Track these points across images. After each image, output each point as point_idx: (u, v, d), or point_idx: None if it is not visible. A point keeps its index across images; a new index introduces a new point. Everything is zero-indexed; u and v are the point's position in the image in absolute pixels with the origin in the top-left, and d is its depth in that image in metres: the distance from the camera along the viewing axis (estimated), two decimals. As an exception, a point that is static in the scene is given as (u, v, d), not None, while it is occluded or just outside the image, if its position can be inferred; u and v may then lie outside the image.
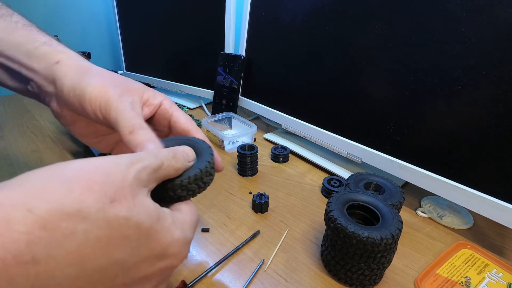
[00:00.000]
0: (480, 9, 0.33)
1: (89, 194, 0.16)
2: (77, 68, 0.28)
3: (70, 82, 0.27)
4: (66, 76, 0.28)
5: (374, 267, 0.29)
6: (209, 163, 0.25)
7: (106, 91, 0.27)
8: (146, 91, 0.31)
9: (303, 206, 0.45)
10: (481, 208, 0.36)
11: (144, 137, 0.26)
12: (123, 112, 0.26)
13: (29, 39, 0.29)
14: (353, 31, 0.46)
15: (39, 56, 0.28)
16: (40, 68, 0.28)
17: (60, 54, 0.29)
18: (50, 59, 0.28)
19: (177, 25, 0.81)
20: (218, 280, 0.32)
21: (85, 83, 0.27)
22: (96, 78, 0.28)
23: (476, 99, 0.35)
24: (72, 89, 0.27)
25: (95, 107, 0.27)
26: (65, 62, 0.28)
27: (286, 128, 0.62)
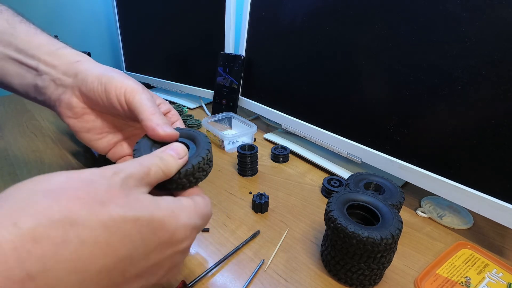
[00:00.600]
0: (480, 9, 0.33)
1: (76, 201, 0.16)
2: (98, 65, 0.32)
3: (96, 73, 0.30)
4: (89, 69, 0.30)
5: (374, 267, 0.29)
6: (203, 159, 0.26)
7: (131, 83, 0.30)
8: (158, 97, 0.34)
9: (303, 206, 0.45)
10: (481, 208, 0.36)
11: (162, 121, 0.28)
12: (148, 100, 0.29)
13: (51, 42, 0.32)
14: (353, 31, 0.46)
15: (61, 55, 0.31)
16: (60, 64, 0.31)
17: (80, 56, 0.32)
18: (71, 58, 0.31)
19: (177, 25, 0.81)
20: (218, 280, 0.32)
21: (111, 74, 0.30)
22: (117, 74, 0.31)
23: (476, 99, 0.35)
24: (97, 78, 0.30)
25: (120, 92, 0.29)
26: (85, 61, 0.32)
27: (286, 128, 0.62)
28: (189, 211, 0.22)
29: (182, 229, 0.20)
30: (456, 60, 0.36)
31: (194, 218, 0.22)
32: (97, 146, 0.34)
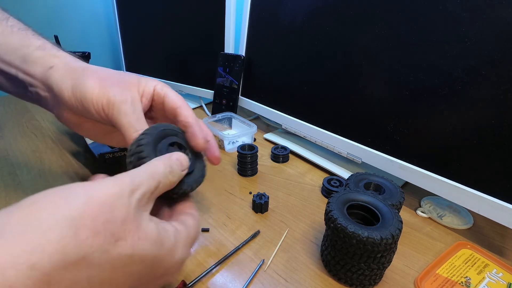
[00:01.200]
0: (480, 9, 0.33)
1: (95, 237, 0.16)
2: (72, 71, 0.28)
3: (69, 86, 0.28)
4: (62, 81, 0.28)
5: (374, 267, 0.29)
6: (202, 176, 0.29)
7: (105, 91, 0.27)
8: (141, 82, 0.31)
9: (303, 206, 0.45)
10: (481, 208, 0.36)
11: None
12: (126, 116, 0.27)
13: (24, 43, 0.29)
14: (353, 31, 0.46)
15: (34, 61, 0.29)
16: (37, 74, 0.29)
17: (54, 58, 0.29)
18: (45, 64, 0.29)
19: (177, 25, 0.81)
20: (218, 280, 0.32)
21: (83, 86, 0.27)
22: (93, 79, 0.28)
23: (476, 99, 0.35)
24: (72, 94, 0.27)
25: (98, 108, 0.27)
26: (59, 66, 0.29)
27: (286, 128, 0.62)
28: (184, 243, 0.23)
29: (175, 265, 0.22)
30: (456, 60, 0.36)
31: (187, 249, 0.23)
32: (111, 143, 0.34)
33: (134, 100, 0.28)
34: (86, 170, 0.52)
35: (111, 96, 0.27)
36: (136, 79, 0.31)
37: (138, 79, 0.31)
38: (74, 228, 0.15)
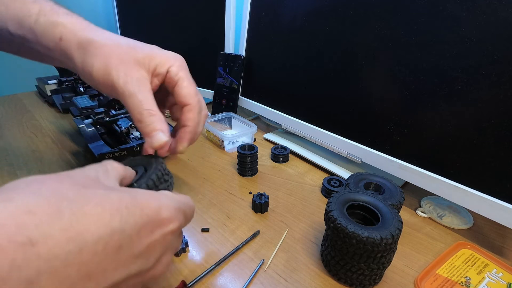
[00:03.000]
0: (480, 9, 0.33)
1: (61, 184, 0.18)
2: (79, 46, 0.28)
3: (79, 63, 0.28)
4: (73, 56, 0.28)
5: (374, 267, 0.29)
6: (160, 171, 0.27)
7: (108, 73, 0.27)
8: (153, 59, 0.29)
9: (303, 206, 0.45)
10: (481, 208, 0.36)
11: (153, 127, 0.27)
12: (130, 97, 0.27)
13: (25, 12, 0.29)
14: (353, 31, 0.46)
15: (42, 32, 0.28)
16: (51, 46, 0.29)
17: (59, 27, 0.28)
18: (53, 35, 0.28)
19: (177, 25, 0.81)
20: (218, 280, 0.32)
21: (90, 66, 0.27)
22: (97, 58, 0.27)
23: (476, 99, 0.35)
24: (82, 71, 0.28)
25: (106, 89, 0.28)
26: (67, 37, 0.28)
27: (286, 128, 0.62)
28: (168, 196, 0.23)
29: (166, 208, 0.21)
30: (456, 60, 0.36)
31: (174, 201, 0.22)
32: None
33: (140, 80, 0.28)
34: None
35: (114, 78, 0.27)
36: (148, 55, 0.29)
37: (151, 55, 0.29)
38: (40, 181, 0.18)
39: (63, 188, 0.17)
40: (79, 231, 0.16)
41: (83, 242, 0.16)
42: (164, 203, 0.21)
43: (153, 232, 0.20)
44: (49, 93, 0.80)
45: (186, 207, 0.24)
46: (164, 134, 0.28)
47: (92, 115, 0.57)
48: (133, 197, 0.20)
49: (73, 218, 0.16)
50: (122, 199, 0.19)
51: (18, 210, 0.15)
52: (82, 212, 0.16)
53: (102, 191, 0.19)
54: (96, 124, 0.56)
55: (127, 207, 0.19)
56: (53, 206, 0.16)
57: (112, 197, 0.18)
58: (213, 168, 0.54)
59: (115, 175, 0.23)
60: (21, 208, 0.15)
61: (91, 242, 0.16)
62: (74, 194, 0.17)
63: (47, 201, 0.16)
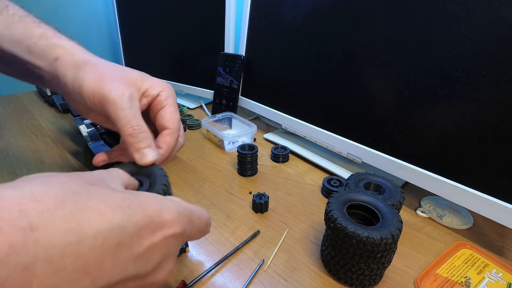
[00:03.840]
0: (480, 9, 0.33)
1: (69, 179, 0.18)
2: (74, 64, 0.29)
3: (70, 79, 0.28)
4: (65, 74, 0.28)
5: (374, 267, 0.29)
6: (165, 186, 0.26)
7: (100, 87, 0.27)
8: (145, 80, 0.31)
9: (303, 206, 0.45)
10: (481, 208, 0.36)
11: (144, 144, 0.28)
12: (122, 110, 0.27)
13: (27, 34, 0.30)
14: (353, 31, 0.46)
15: (39, 52, 0.29)
16: (44, 66, 0.29)
17: (57, 48, 0.29)
18: (50, 55, 0.29)
19: (177, 25, 0.81)
20: (218, 280, 0.32)
21: (81, 79, 0.28)
22: (91, 73, 0.28)
23: (476, 99, 0.35)
24: (72, 87, 0.28)
25: (94, 103, 0.28)
26: (63, 57, 0.29)
27: (286, 128, 0.62)
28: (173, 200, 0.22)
29: (168, 211, 0.21)
30: (456, 60, 0.36)
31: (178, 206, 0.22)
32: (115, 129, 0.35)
33: (131, 96, 0.28)
34: (86, 170, 0.52)
35: (106, 91, 0.27)
36: (139, 77, 0.31)
37: (143, 77, 0.31)
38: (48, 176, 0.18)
39: (71, 183, 0.18)
40: (80, 223, 0.16)
41: (82, 235, 0.16)
42: (167, 205, 0.21)
43: (154, 233, 0.20)
44: (49, 93, 0.80)
45: (194, 215, 0.23)
46: (153, 151, 0.28)
47: (92, 115, 0.57)
48: (136, 198, 0.20)
49: (75, 210, 0.16)
50: (125, 198, 0.19)
51: (24, 196, 0.15)
52: (84, 206, 0.17)
53: (107, 190, 0.19)
54: (96, 124, 0.56)
55: (130, 206, 0.19)
56: (58, 196, 0.16)
57: (116, 195, 0.19)
58: (213, 168, 0.54)
59: (121, 181, 0.24)
60: (27, 195, 0.15)
61: (90, 236, 0.16)
62: (80, 189, 0.18)
63: (54, 191, 0.16)
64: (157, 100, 0.31)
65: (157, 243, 0.20)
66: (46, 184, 0.17)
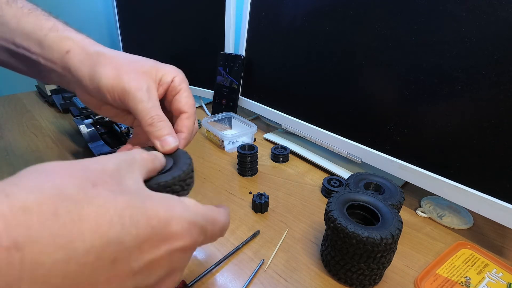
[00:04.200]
0: (480, 9, 0.33)
1: (68, 179, 0.17)
2: (88, 57, 0.29)
3: (85, 73, 0.28)
4: (79, 67, 0.28)
5: (374, 267, 0.29)
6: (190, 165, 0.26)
7: (120, 80, 0.28)
8: (159, 69, 0.31)
9: (303, 206, 0.45)
10: (481, 208, 0.36)
11: (164, 132, 0.28)
12: (141, 103, 0.28)
13: (37, 26, 0.29)
14: (353, 31, 0.46)
15: (50, 45, 0.29)
16: (55, 58, 0.29)
17: (68, 41, 0.29)
18: (61, 48, 0.29)
19: (177, 25, 0.81)
20: (218, 280, 0.32)
21: (98, 74, 0.28)
22: (108, 67, 0.28)
23: (476, 99, 0.35)
24: (89, 80, 0.28)
25: (113, 96, 0.28)
26: (75, 50, 0.29)
27: (286, 128, 0.62)
28: (188, 207, 0.21)
29: (177, 221, 0.19)
30: (456, 60, 0.36)
31: (191, 213, 0.20)
32: (125, 123, 0.35)
33: (149, 87, 0.29)
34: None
35: (126, 84, 0.27)
36: (154, 66, 0.31)
37: (157, 67, 0.31)
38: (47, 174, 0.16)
39: (69, 185, 0.16)
40: (71, 238, 0.15)
41: (72, 251, 0.15)
42: (176, 214, 0.19)
43: (158, 247, 0.18)
44: (49, 93, 0.80)
45: (208, 223, 0.22)
46: (174, 138, 0.28)
47: (92, 115, 0.57)
48: (141, 204, 0.18)
49: (68, 221, 0.15)
50: (128, 205, 0.17)
51: (12, 208, 0.14)
52: (79, 216, 0.15)
53: (110, 193, 0.17)
54: (96, 124, 0.56)
55: (132, 216, 0.17)
56: (51, 206, 0.15)
57: (118, 201, 0.17)
58: (213, 168, 0.54)
59: (141, 167, 0.22)
60: (16, 206, 0.14)
61: (81, 252, 0.15)
62: (79, 193, 0.16)
63: (47, 199, 0.15)
64: (171, 86, 0.32)
65: (160, 257, 0.18)
66: (39, 190, 0.15)
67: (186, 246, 0.20)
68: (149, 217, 0.18)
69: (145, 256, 0.18)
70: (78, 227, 0.15)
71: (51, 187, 0.16)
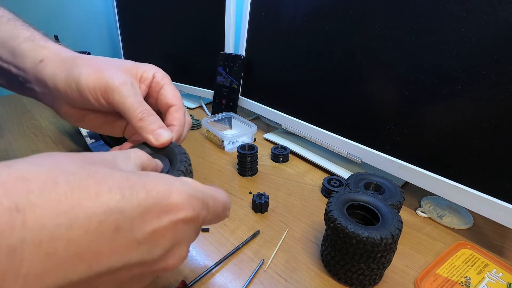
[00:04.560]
0: (480, 9, 0.33)
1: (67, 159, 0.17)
2: (63, 62, 0.28)
3: (62, 78, 0.27)
4: (54, 74, 0.27)
5: (374, 267, 0.29)
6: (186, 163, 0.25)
7: (101, 77, 0.27)
8: (139, 67, 0.31)
9: (303, 206, 0.45)
10: (481, 208, 0.36)
11: (156, 125, 0.27)
12: (129, 97, 0.27)
13: (13, 35, 0.29)
14: (353, 31, 0.46)
15: (23, 53, 0.28)
16: (28, 68, 0.28)
17: (43, 50, 0.28)
18: (34, 57, 0.28)
19: (177, 25, 0.81)
20: (218, 280, 0.32)
21: (77, 75, 0.27)
22: (86, 66, 0.27)
23: (476, 99, 0.35)
24: (67, 85, 0.27)
25: (96, 95, 0.27)
26: (49, 58, 0.28)
27: (286, 128, 0.62)
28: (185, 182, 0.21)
29: (177, 193, 0.19)
30: (456, 60, 0.36)
31: (191, 188, 0.20)
32: (113, 133, 0.34)
33: (133, 83, 0.28)
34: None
35: (108, 80, 0.27)
36: (132, 64, 0.31)
37: (136, 64, 0.31)
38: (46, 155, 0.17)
39: (68, 162, 0.17)
40: (72, 205, 0.15)
41: (74, 217, 0.15)
42: (176, 187, 0.19)
43: (160, 217, 0.18)
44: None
45: (209, 198, 0.22)
46: (167, 131, 0.28)
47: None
48: (140, 178, 0.18)
49: (68, 190, 0.15)
50: (127, 179, 0.17)
51: (11, 176, 0.14)
52: (78, 186, 0.15)
53: (109, 169, 0.17)
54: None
55: (131, 187, 0.17)
56: (51, 176, 0.15)
57: (117, 175, 0.17)
58: (213, 168, 0.54)
59: (136, 162, 0.22)
60: (15, 174, 0.14)
61: (83, 218, 0.15)
62: (77, 168, 0.16)
63: (46, 171, 0.15)
64: (154, 81, 0.31)
65: (163, 227, 0.18)
66: (39, 163, 0.16)
67: (188, 217, 0.20)
68: (148, 189, 0.18)
69: (148, 225, 0.17)
70: (78, 196, 0.15)
71: (50, 162, 0.16)
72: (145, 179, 0.18)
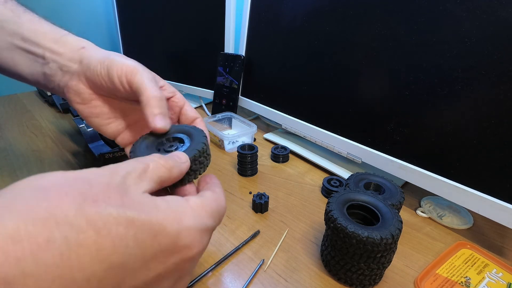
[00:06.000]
0: (480, 9, 0.33)
1: (66, 198, 0.15)
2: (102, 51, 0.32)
3: (99, 57, 0.30)
4: (93, 55, 0.31)
5: (374, 267, 0.29)
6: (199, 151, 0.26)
7: (131, 64, 0.30)
8: (160, 78, 0.34)
9: (303, 206, 0.45)
10: (481, 208, 0.36)
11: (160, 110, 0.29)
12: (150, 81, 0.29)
13: (55, 30, 0.33)
14: (353, 31, 0.46)
15: (65, 42, 0.32)
16: (66, 51, 0.31)
17: (84, 42, 0.33)
18: (76, 45, 0.32)
19: (177, 25, 0.81)
20: (218, 280, 0.32)
21: (112, 57, 0.30)
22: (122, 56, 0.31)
23: (476, 99, 0.35)
24: (100, 62, 0.30)
25: (121, 73, 0.29)
26: (90, 46, 0.33)
27: (286, 128, 0.62)
28: (195, 211, 0.20)
29: (187, 232, 0.18)
30: (456, 60, 0.36)
31: (202, 218, 0.20)
32: (106, 131, 0.34)
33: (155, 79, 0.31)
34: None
35: (136, 66, 0.30)
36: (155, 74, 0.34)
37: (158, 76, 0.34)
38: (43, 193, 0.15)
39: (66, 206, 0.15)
40: (69, 267, 0.13)
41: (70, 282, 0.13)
42: (184, 226, 0.18)
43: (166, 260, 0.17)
44: (49, 93, 0.80)
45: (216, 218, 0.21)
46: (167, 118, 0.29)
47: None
48: (147, 219, 0.17)
49: (64, 250, 0.13)
50: (132, 222, 0.16)
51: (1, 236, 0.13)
52: (76, 242, 0.14)
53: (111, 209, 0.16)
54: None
55: (135, 235, 0.16)
56: (45, 232, 0.13)
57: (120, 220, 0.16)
58: (213, 168, 0.54)
59: (154, 176, 0.20)
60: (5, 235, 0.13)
61: (82, 281, 0.14)
62: (75, 215, 0.14)
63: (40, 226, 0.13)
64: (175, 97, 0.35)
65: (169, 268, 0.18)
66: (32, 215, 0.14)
67: (196, 254, 0.19)
68: (155, 233, 0.17)
69: (151, 272, 0.17)
70: (76, 254, 0.14)
71: (45, 210, 0.14)
72: (153, 217, 0.17)
